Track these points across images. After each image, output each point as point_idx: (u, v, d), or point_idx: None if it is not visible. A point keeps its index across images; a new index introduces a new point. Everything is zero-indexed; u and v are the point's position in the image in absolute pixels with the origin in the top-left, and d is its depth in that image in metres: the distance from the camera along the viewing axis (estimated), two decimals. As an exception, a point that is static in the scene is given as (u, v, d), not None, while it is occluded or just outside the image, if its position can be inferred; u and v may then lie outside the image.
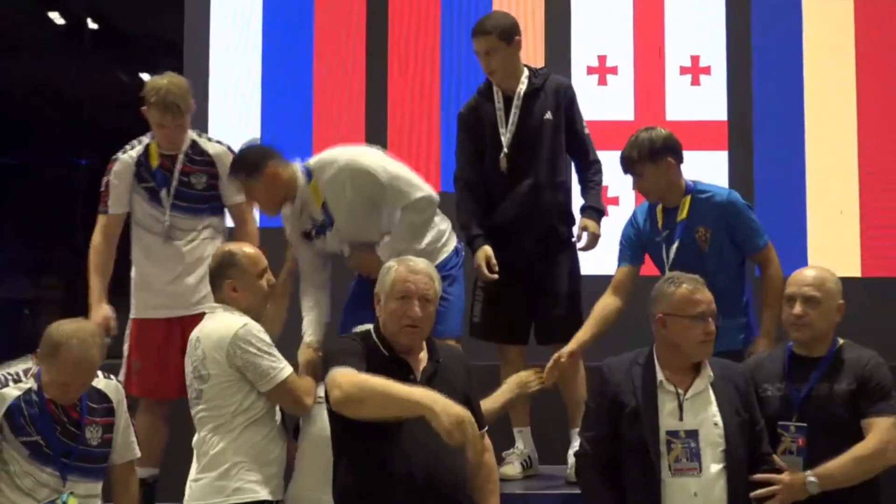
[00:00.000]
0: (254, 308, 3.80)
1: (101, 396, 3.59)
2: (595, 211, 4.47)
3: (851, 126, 6.18)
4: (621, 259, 4.41)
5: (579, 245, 4.47)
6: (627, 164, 4.27)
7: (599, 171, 4.58)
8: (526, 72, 4.50)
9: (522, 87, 4.46)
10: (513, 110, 4.44)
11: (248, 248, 3.88)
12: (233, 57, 6.22)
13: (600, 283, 5.44)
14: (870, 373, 3.64)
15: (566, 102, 4.50)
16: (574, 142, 4.53)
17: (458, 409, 3.12)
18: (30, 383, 3.50)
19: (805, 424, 3.62)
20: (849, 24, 6.20)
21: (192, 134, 4.43)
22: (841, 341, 3.77)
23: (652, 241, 4.31)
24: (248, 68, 6.24)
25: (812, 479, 3.51)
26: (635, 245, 4.37)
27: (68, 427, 3.50)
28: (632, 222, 4.41)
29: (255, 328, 3.68)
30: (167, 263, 4.36)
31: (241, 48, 6.23)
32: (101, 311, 4.34)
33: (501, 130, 4.43)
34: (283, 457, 3.77)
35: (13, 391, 3.47)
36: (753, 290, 4.35)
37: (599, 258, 4.73)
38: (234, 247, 3.90)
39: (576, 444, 4.32)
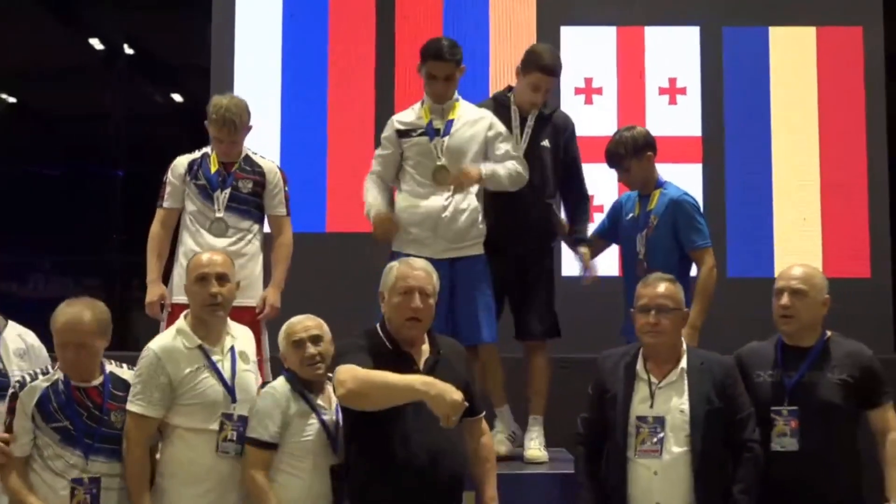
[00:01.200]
0: (196, 314, 3.60)
1: (125, 385, 3.55)
2: (587, 242, 4.60)
3: (814, 141, 6.22)
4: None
5: (587, 274, 4.57)
6: (615, 160, 4.40)
7: (589, 206, 4.70)
8: None
9: (534, 113, 4.48)
10: (525, 130, 4.46)
11: (205, 255, 3.72)
12: (255, 79, 6.25)
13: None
14: (869, 365, 3.64)
15: (566, 136, 4.54)
16: (572, 174, 4.57)
17: (454, 394, 3.15)
18: (57, 374, 3.51)
19: (797, 408, 3.58)
20: (811, 49, 6.24)
21: (246, 149, 4.47)
22: (829, 333, 3.73)
23: (624, 221, 4.47)
24: (268, 89, 6.26)
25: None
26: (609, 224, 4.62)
27: (93, 411, 3.48)
28: (616, 204, 4.61)
29: (157, 352, 3.51)
30: None
31: (262, 72, 6.26)
32: (158, 289, 4.38)
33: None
34: (217, 478, 3.49)
35: (42, 383, 3.48)
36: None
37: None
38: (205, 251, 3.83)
39: (532, 430, 4.38)
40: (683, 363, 3.57)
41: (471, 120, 4.31)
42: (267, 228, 4.57)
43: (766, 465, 3.57)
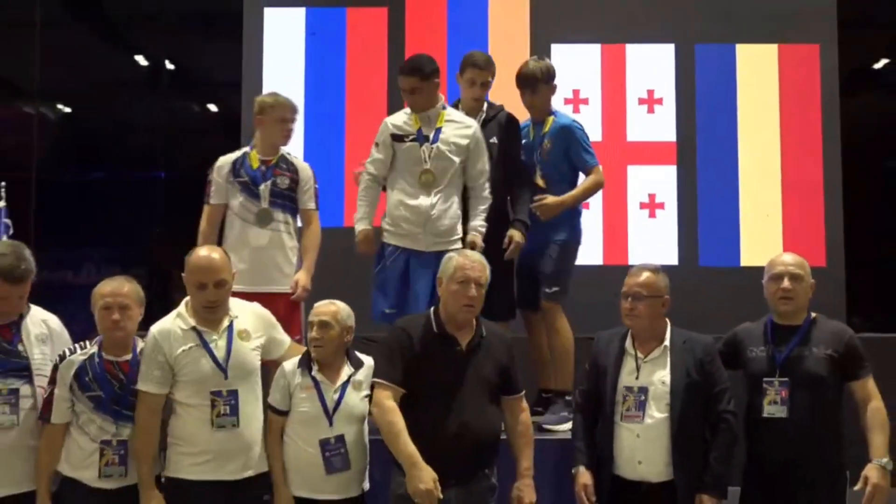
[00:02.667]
0: (194, 308, 3.53)
1: None
2: (523, 224, 4.40)
3: (775, 145, 6.28)
4: None
5: (507, 254, 4.38)
6: (530, 81, 4.48)
7: (530, 191, 4.58)
8: (484, 104, 4.54)
9: (482, 115, 4.47)
10: None
11: (204, 251, 3.60)
12: (280, 91, 6.22)
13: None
14: (852, 342, 3.66)
15: (510, 130, 4.50)
16: (512, 166, 4.50)
17: (427, 483, 3.24)
18: (93, 349, 3.53)
19: (787, 379, 3.61)
20: (773, 64, 6.31)
21: (283, 150, 4.47)
22: (814, 314, 3.75)
23: (528, 147, 4.54)
24: (292, 100, 6.26)
25: (883, 460, 3.53)
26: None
27: (125, 383, 3.50)
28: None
29: (155, 335, 3.48)
30: (252, 244, 4.29)
31: (287, 84, 6.24)
32: None
33: None
34: (214, 448, 3.44)
35: (79, 356, 3.51)
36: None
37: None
38: (202, 248, 3.68)
39: None
40: (667, 341, 3.63)
41: (457, 129, 4.25)
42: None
43: (756, 438, 3.63)
